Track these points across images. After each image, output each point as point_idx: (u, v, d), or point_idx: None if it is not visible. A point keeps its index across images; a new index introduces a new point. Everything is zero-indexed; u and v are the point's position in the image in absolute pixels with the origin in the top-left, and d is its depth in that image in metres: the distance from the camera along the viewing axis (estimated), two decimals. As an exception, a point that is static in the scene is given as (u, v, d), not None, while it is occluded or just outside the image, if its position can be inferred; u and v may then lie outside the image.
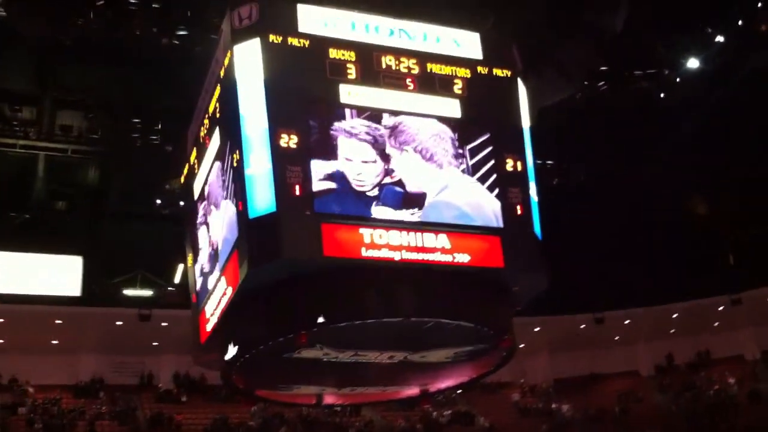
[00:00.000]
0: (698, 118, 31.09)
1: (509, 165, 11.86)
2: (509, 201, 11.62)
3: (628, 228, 34.71)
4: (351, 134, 11.19)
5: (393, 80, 11.67)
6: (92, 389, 31.65)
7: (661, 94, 29.13)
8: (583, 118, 30.01)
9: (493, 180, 11.71)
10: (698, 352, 37.49)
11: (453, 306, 10.83)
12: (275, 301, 10.76)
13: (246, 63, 11.03)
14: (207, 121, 12.96)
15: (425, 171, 11.40)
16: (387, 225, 10.74)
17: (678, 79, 28.63)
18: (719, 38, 27.22)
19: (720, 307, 35.85)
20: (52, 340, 31.45)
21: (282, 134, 10.56)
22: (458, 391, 32.57)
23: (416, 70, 11.87)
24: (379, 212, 10.90)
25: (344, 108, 11.23)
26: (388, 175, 11.16)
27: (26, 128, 30.05)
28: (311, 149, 10.79)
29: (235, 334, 11.67)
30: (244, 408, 30.46)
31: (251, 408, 30.38)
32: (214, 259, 12.35)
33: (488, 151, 11.80)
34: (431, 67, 11.99)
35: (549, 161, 33.16)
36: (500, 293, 11.83)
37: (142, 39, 24.41)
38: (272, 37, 11.11)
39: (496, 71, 12.45)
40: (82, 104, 29.98)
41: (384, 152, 11.26)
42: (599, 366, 37.84)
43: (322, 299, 10.54)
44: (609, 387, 37.35)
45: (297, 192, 10.40)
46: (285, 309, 10.75)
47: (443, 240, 10.90)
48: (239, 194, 10.76)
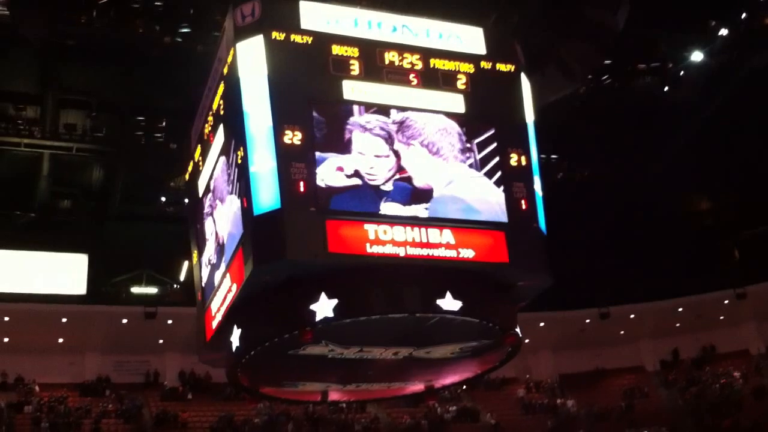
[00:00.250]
0: (704, 114, 31.02)
1: (513, 160, 11.83)
2: (514, 196, 11.59)
3: (633, 223, 34.66)
4: (365, 129, 11.20)
5: (396, 76, 11.65)
6: (98, 388, 31.75)
7: (665, 88, 29.00)
8: (588, 113, 29.93)
9: (499, 175, 11.69)
10: (703, 347, 37.46)
11: (458, 301, 10.77)
12: (280, 298, 10.74)
13: (249, 60, 11.01)
14: (211, 119, 12.95)
15: (432, 165, 11.38)
16: (392, 221, 10.71)
17: (682, 73, 28.51)
18: (723, 31, 27.10)
19: (725, 302, 35.82)
20: (58, 339, 31.56)
21: (286, 131, 10.55)
22: (463, 387, 32.65)
23: (419, 66, 11.84)
24: (390, 208, 10.88)
25: (352, 104, 11.22)
26: (400, 171, 11.17)
27: (31, 127, 30.05)
28: (322, 144, 10.79)
29: (241, 332, 11.66)
30: (250, 406, 30.47)
31: (257, 405, 30.42)
32: (221, 253, 12.34)
33: (494, 146, 11.79)
34: (434, 63, 11.95)
35: (553, 156, 33.06)
36: (505, 288, 11.82)
37: (145, 37, 24.37)
38: (275, 34, 11.09)
39: (500, 66, 12.41)
40: (86, 103, 29.98)
41: (394, 145, 11.27)
42: (604, 361, 37.84)
43: (329, 296, 10.50)
44: (614, 382, 37.36)
45: (301, 188, 10.38)
46: (290, 306, 10.73)
47: (448, 235, 10.88)
48: (244, 191, 10.74)
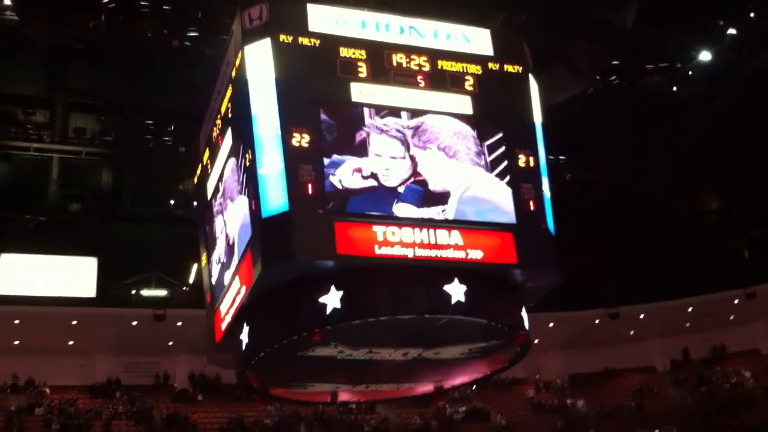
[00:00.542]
0: (711, 113, 30.93)
1: (522, 161, 11.84)
2: (522, 197, 11.60)
3: (641, 223, 34.58)
4: (382, 131, 11.24)
5: (404, 78, 11.67)
6: (108, 389, 31.84)
7: (674, 88, 28.94)
8: (596, 113, 29.88)
9: (509, 176, 11.71)
10: (713, 347, 37.34)
11: (467, 302, 10.79)
12: (289, 300, 10.78)
13: (257, 63, 11.04)
14: (219, 122, 12.99)
15: (449, 169, 11.41)
16: (401, 222, 10.74)
17: (690, 72, 28.45)
18: (731, 31, 27.03)
19: (735, 301, 35.69)
20: (68, 341, 31.63)
21: (294, 133, 10.59)
22: (472, 388, 32.59)
23: (427, 68, 11.86)
24: (403, 210, 10.92)
25: (360, 107, 11.25)
26: (416, 174, 11.20)
27: (40, 131, 30.19)
28: (339, 147, 10.85)
29: (250, 333, 11.70)
30: (260, 407, 30.46)
31: (267, 407, 30.46)
32: (230, 253, 12.36)
33: (503, 149, 11.80)
34: (442, 64, 11.97)
35: (561, 157, 33.02)
36: (514, 289, 11.82)
37: (153, 41, 24.44)
38: (283, 37, 11.13)
39: (507, 67, 12.41)
40: (95, 107, 30.09)
41: (410, 149, 11.30)
42: (614, 361, 37.73)
43: (338, 297, 10.53)
44: (624, 382, 37.25)
45: (310, 191, 10.41)
46: (299, 307, 10.76)
47: (456, 236, 10.90)
48: (252, 193, 10.77)
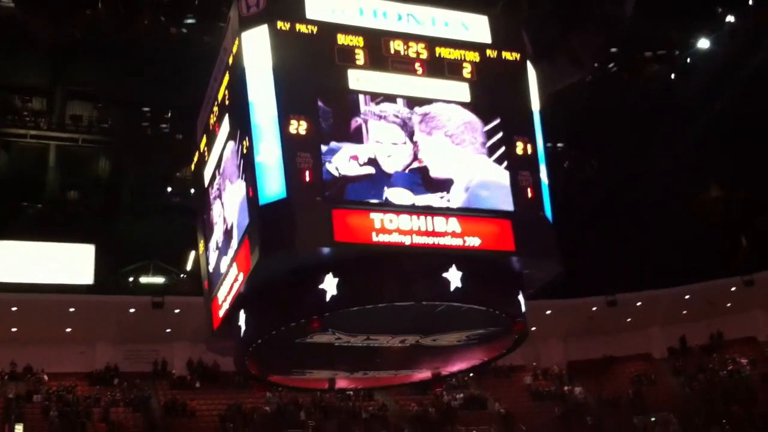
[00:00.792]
0: (712, 103, 30.86)
1: (519, 148, 11.79)
2: (520, 184, 11.57)
3: (640, 210, 34.58)
4: (380, 117, 11.21)
5: (402, 65, 11.61)
6: (107, 377, 31.92)
7: (672, 75, 28.90)
8: (595, 102, 29.85)
9: (506, 162, 11.69)
10: (711, 334, 37.43)
11: (464, 290, 10.79)
12: (287, 287, 10.78)
13: (254, 50, 10.99)
14: (216, 109, 12.95)
15: (453, 156, 11.38)
16: (398, 209, 10.69)
17: (689, 60, 28.40)
18: (730, 18, 26.96)
19: (732, 289, 35.76)
20: (66, 329, 31.70)
21: (292, 120, 10.55)
22: (470, 375, 32.69)
23: (425, 55, 11.80)
24: (402, 197, 10.88)
25: (358, 94, 11.20)
26: (417, 159, 11.17)
27: (37, 119, 30.15)
28: (335, 134, 10.80)
29: (248, 320, 11.71)
30: (258, 394, 30.61)
31: (266, 394, 30.55)
32: (228, 238, 12.33)
33: (501, 135, 11.77)
34: (440, 52, 11.91)
35: (559, 144, 32.98)
36: (511, 277, 11.82)
37: (151, 28, 24.36)
38: (280, 24, 11.06)
39: (506, 55, 12.35)
40: (92, 95, 30.04)
41: (413, 134, 11.27)
42: (612, 349, 37.87)
43: (335, 284, 10.54)
44: (622, 370, 37.40)
45: (307, 178, 10.38)
46: (297, 294, 10.77)
47: (454, 224, 10.88)
48: (250, 181, 10.76)
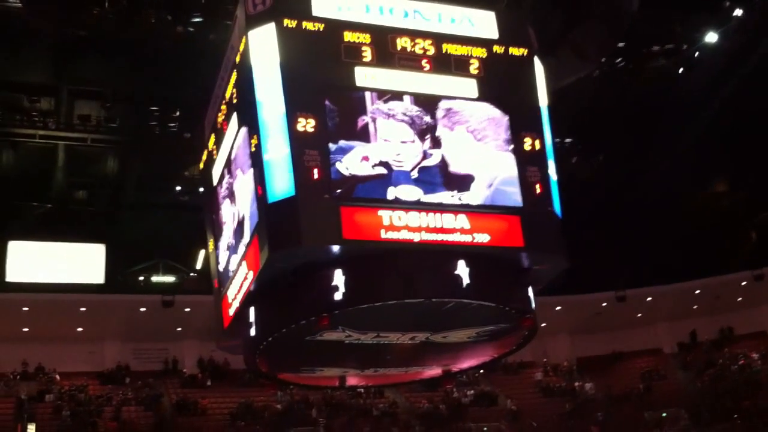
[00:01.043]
0: (720, 97, 30.76)
1: (527, 144, 11.77)
2: (528, 180, 11.55)
3: (649, 205, 34.49)
4: (389, 115, 11.19)
5: (408, 62, 11.59)
6: (118, 376, 32.04)
7: (680, 70, 28.80)
8: (603, 96, 29.79)
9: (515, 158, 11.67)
10: (721, 329, 37.33)
11: (474, 286, 10.77)
12: (296, 285, 10.79)
13: (261, 48, 10.99)
14: (224, 107, 12.96)
15: (476, 152, 11.39)
16: (407, 206, 10.67)
17: (696, 54, 28.29)
18: (737, 12, 26.85)
19: (742, 283, 35.64)
20: (77, 328, 31.83)
21: (299, 118, 10.54)
22: (480, 371, 32.70)
23: (432, 51, 11.77)
24: (413, 194, 10.85)
25: (364, 91, 11.19)
26: (427, 157, 11.14)
27: (45, 119, 30.25)
28: (345, 133, 10.79)
29: (258, 318, 11.72)
30: (269, 392, 30.72)
31: (276, 392, 30.63)
32: (239, 234, 12.28)
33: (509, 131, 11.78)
34: (447, 48, 11.88)
35: (568, 139, 32.94)
36: (521, 272, 11.81)
37: (157, 27, 24.42)
38: (287, 22, 11.05)
39: (512, 50, 12.32)
40: (100, 94, 30.11)
41: (423, 132, 11.24)
42: (622, 344, 37.81)
43: (344, 281, 10.54)
44: (632, 365, 37.33)
45: (315, 175, 10.37)
46: (306, 292, 10.78)
47: (463, 220, 10.85)
48: (258, 179, 10.77)
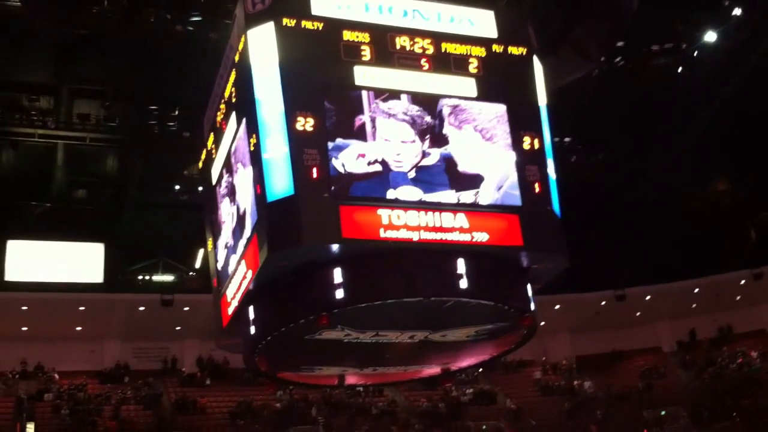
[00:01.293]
0: (720, 96, 30.76)
1: (527, 143, 11.77)
2: (527, 179, 11.54)
3: (649, 204, 34.50)
4: (389, 115, 11.19)
5: (408, 61, 11.59)
6: (117, 375, 32.02)
7: (679, 68, 28.79)
8: (602, 96, 29.78)
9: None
10: (720, 328, 37.34)
11: (473, 285, 10.77)
12: (296, 283, 10.78)
13: (260, 47, 10.99)
14: (223, 106, 12.95)
15: (484, 152, 11.41)
16: (406, 206, 10.68)
17: (695, 53, 28.28)
18: (737, 11, 26.85)
19: (742, 282, 35.64)
20: (76, 327, 31.80)
21: (299, 117, 10.54)
22: (479, 370, 32.69)
23: (431, 50, 11.77)
24: (411, 194, 10.86)
25: (363, 90, 11.17)
26: (425, 156, 11.14)
27: (44, 118, 30.24)
28: (342, 131, 10.79)
29: (257, 317, 11.72)
30: (268, 391, 30.66)
31: (277, 392, 30.62)
32: (239, 229, 12.28)
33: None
34: (446, 47, 11.89)
35: (567, 138, 32.93)
36: (520, 271, 11.81)
37: (157, 26, 24.40)
38: (286, 21, 11.05)
39: (512, 49, 12.31)
40: (100, 93, 30.11)
41: (424, 132, 11.24)
42: (621, 343, 37.81)
43: (344, 280, 10.54)
44: (631, 364, 37.33)
45: (314, 174, 10.37)
46: (305, 291, 10.78)
47: (462, 219, 10.86)
48: (257, 178, 10.76)
